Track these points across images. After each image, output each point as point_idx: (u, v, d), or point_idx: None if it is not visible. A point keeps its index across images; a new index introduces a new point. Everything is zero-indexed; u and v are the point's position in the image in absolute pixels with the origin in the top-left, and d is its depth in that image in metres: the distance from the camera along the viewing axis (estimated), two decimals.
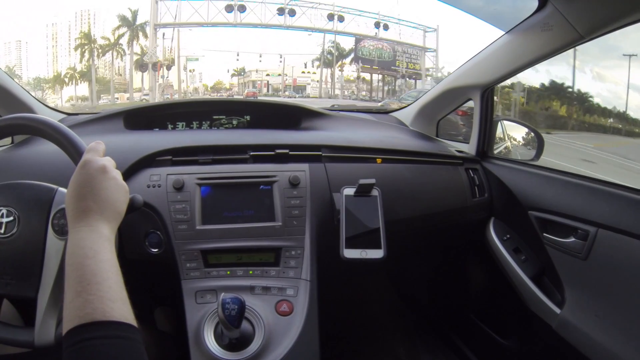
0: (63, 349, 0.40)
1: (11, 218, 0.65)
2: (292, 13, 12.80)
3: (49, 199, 0.66)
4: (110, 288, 0.44)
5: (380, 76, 14.98)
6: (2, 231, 0.65)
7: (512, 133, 1.25)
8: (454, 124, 1.56)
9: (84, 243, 0.48)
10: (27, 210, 0.66)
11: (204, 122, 1.23)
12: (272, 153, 0.92)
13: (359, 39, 14.13)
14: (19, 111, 1.05)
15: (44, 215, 0.65)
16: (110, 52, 13.21)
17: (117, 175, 0.57)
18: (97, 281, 0.44)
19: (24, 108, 1.06)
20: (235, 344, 0.68)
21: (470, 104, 1.20)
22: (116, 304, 0.43)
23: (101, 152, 0.58)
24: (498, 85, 1.13)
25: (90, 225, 0.50)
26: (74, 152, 0.62)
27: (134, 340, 0.42)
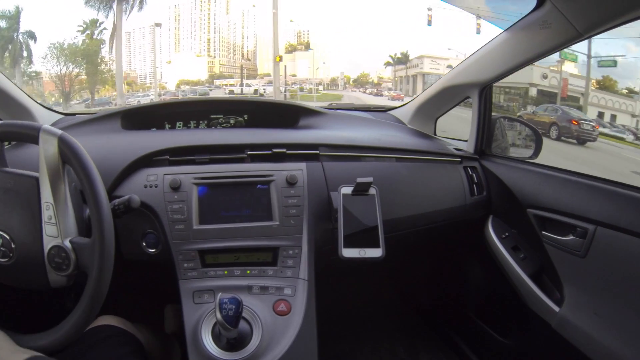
0: None
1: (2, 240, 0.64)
2: None
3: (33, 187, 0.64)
4: None
5: None
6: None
7: (510, 131, 1.24)
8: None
9: None
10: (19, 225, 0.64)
11: (201, 122, 1.23)
12: (269, 152, 0.92)
13: None
14: (17, 113, 1.05)
15: (34, 210, 0.63)
16: None
17: None
18: None
19: (21, 109, 1.05)
20: (233, 344, 0.68)
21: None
22: None
23: None
24: None
25: None
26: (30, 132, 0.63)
27: None
